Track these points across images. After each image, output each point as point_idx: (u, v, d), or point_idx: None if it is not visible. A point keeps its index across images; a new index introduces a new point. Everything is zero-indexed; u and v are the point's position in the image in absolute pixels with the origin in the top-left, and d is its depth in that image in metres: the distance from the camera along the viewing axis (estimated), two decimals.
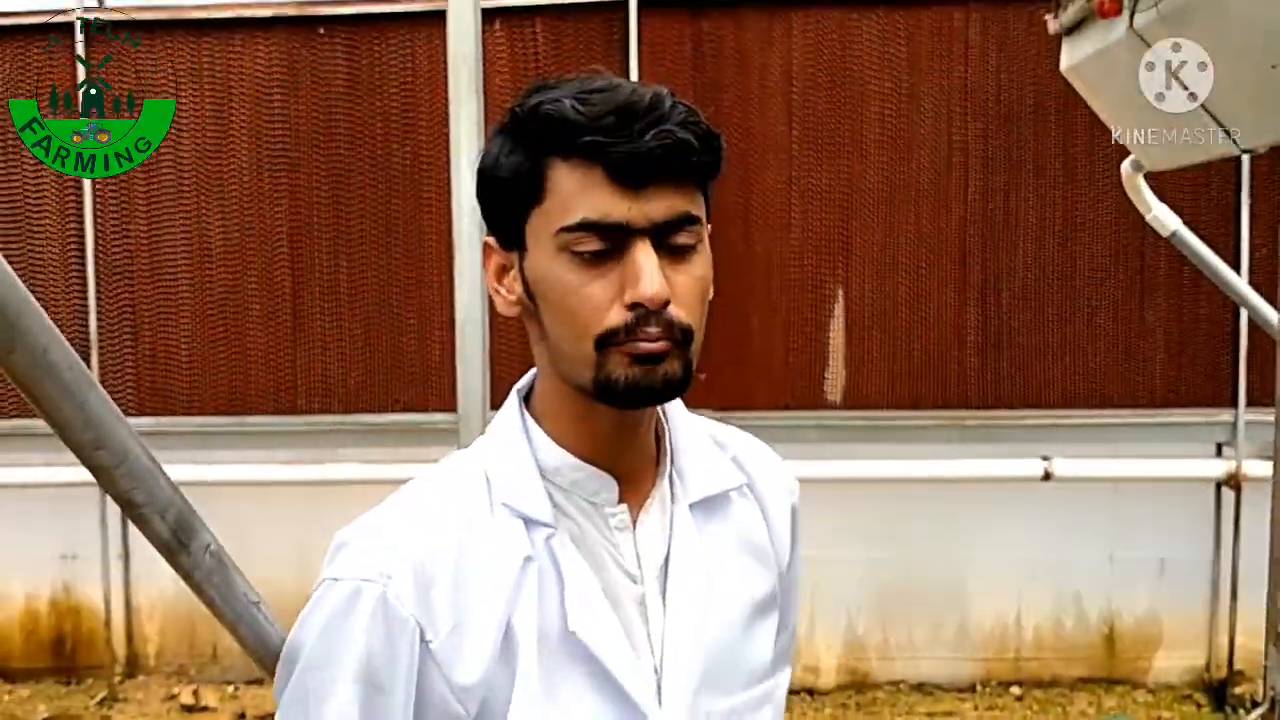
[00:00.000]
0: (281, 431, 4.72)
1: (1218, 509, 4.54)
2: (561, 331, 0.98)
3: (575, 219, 0.94)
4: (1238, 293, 2.32)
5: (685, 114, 0.95)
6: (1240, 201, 4.32)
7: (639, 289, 0.93)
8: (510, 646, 0.97)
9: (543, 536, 1.01)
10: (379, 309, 4.66)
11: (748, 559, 1.12)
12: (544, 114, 0.95)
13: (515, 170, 0.97)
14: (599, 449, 1.04)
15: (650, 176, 0.93)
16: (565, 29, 4.52)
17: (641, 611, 1.03)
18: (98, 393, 0.77)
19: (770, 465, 1.19)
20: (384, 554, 0.98)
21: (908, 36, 4.43)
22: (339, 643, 0.97)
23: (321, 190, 4.63)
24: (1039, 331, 4.46)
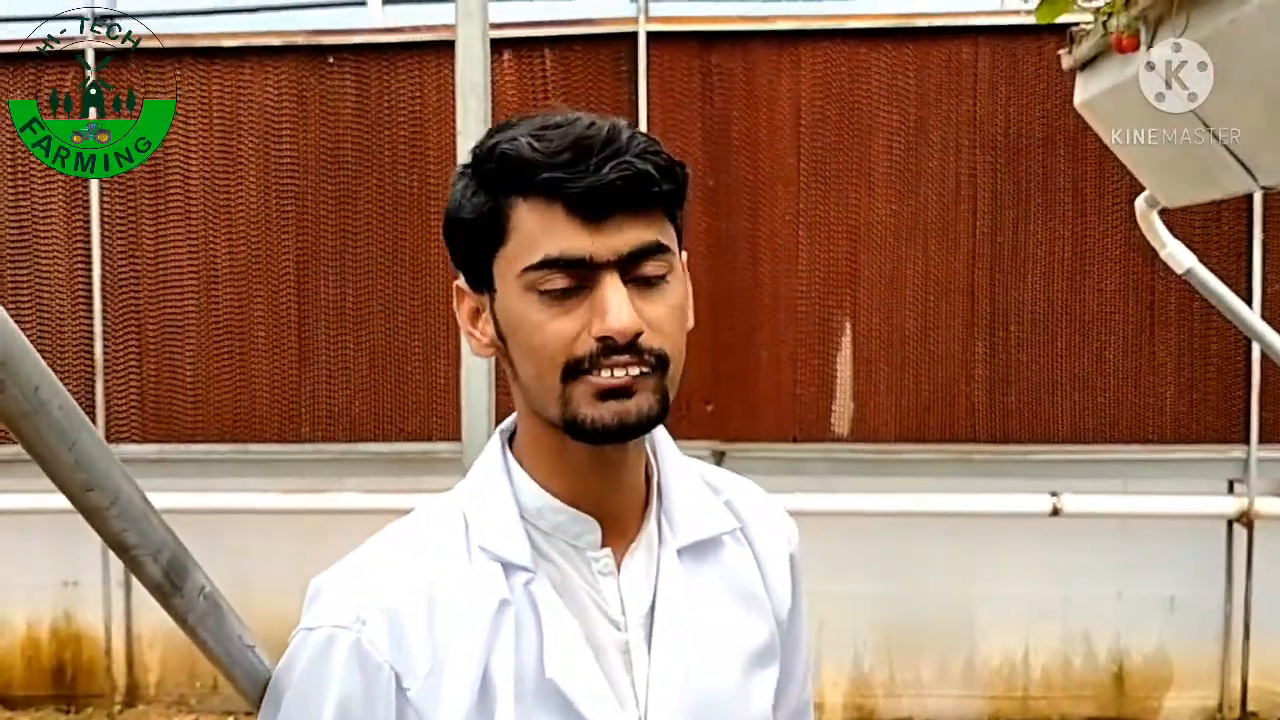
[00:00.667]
0: (285, 460, 4.70)
1: (1229, 546, 4.49)
2: (529, 369, 0.97)
3: (538, 257, 0.93)
4: (1253, 329, 2.30)
5: (644, 144, 0.94)
6: (1252, 236, 4.30)
7: (607, 321, 0.92)
8: (488, 694, 0.95)
9: (521, 581, 0.98)
10: (385, 338, 4.64)
11: (739, 606, 1.08)
12: (501, 153, 0.95)
13: (478, 212, 0.97)
14: (581, 489, 1.01)
15: (611, 209, 0.92)
16: (574, 60, 4.53)
17: (625, 660, 1.01)
18: (90, 433, 0.75)
19: (766, 511, 1.16)
20: (358, 600, 0.97)
21: (917, 70, 4.43)
22: (315, 691, 0.95)
23: (329, 219, 4.63)
24: (1048, 366, 4.43)
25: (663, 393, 0.96)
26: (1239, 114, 1.46)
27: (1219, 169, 1.54)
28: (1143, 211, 2.28)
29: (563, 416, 0.95)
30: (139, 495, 0.80)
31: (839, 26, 4.43)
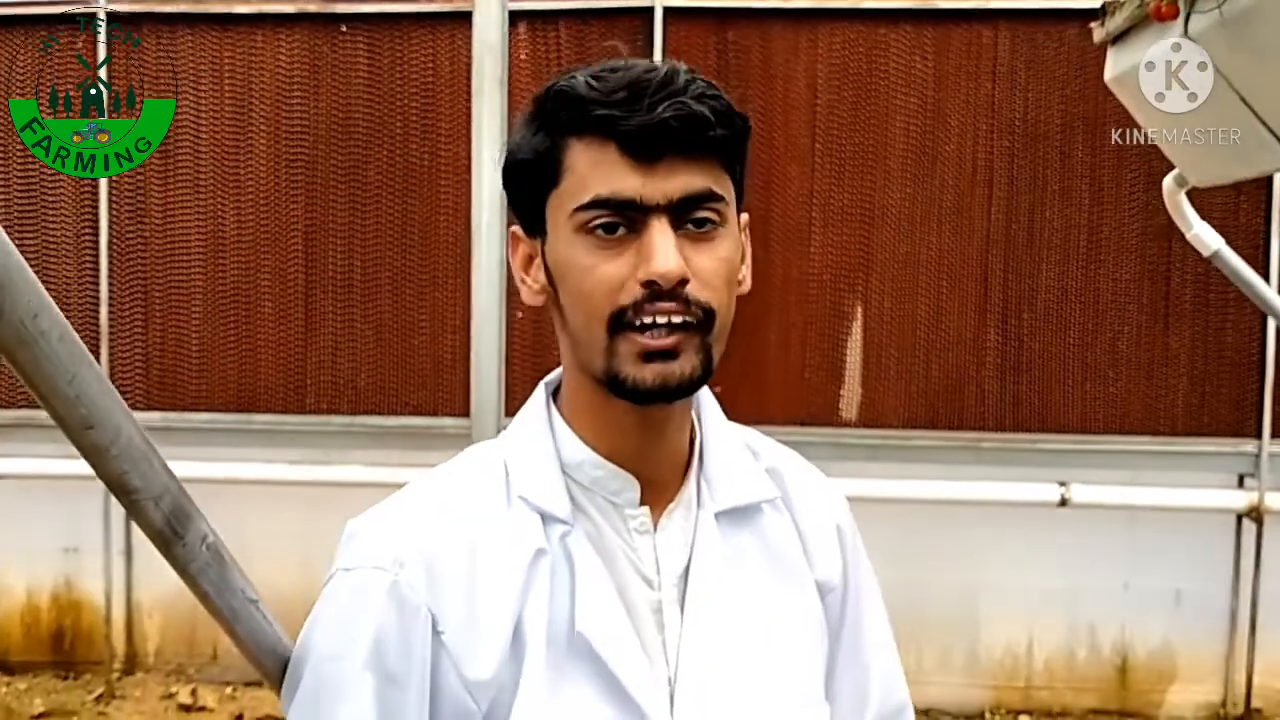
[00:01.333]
0: (289, 430, 4.68)
1: (1238, 541, 4.45)
2: (577, 317, 0.95)
3: (588, 196, 0.92)
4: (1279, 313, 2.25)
5: (703, 88, 0.92)
6: (1270, 226, 4.25)
7: (652, 265, 0.90)
8: (519, 643, 0.94)
9: (558, 533, 0.98)
10: (392, 310, 4.61)
11: (776, 575, 1.06)
12: (558, 91, 0.94)
13: (534, 152, 0.96)
14: (622, 446, 1.00)
15: (664, 150, 0.91)
16: (589, 33, 4.48)
17: (657, 619, 0.99)
18: (91, 366, 0.72)
19: (809, 482, 1.14)
20: (395, 542, 0.96)
21: (935, 52, 4.38)
22: (351, 633, 0.94)
23: (338, 188, 4.60)
24: (1060, 355, 4.40)
25: (706, 352, 0.94)
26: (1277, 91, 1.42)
27: (1256, 147, 1.51)
28: (1170, 191, 2.24)
29: (606, 372, 0.94)
30: (141, 436, 0.77)
31: (857, 6, 4.38)
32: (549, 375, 1.07)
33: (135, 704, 4.68)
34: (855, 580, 1.13)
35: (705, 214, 0.93)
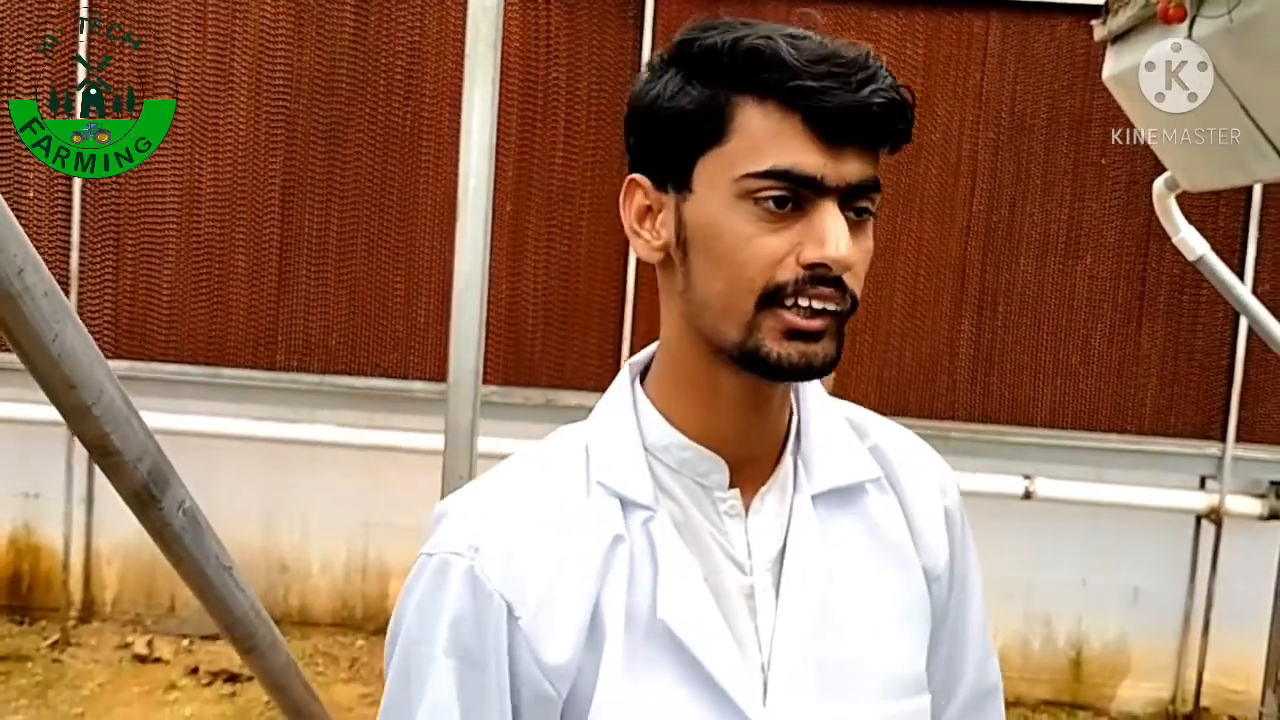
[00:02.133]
0: (257, 387, 4.64)
1: (1196, 542, 4.51)
2: (717, 285, 0.91)
3: (765, 165, 0.87)
4: (1261, 324, 2.26)
5: (891, 79, 0.88)
6: (1248, 234, 4.28)
7: (825, 249, 0.87)
8: (597, 630, 0.92)
9: (640, 518, 0.95)
10: (367, 272, 4.57)
11: (881, 558, 1.02)
12: (749, 48, 0.87)
13: (698, 104, 0.90)
14: (717, 426, 0.97)
15: (852, 135, 0.87)
16: (580, 6, 4.44)
17: (749, 605, 0.96)
18: (75, 325, 0.70)
19: (917, 459, 1.09)
20: (474, 528, 0.96)
21: (927, 39, 4.37)
22: (431, 617, 0.94)
23: (318, 145, 4.54)
24: (1032, 349, 4.42)
25: (841, 337, 0.92)
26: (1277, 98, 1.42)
27: (1253, 155, 1.50)
28: (1161, 194, 2.24)
29: (742, 344, 0.90)
30: (122, 398, 0.75)
31: None
32: (634, 357, 1.03)
33: (90, 652, 4.65)
34: (962, 566, 1.09)
35: (866, 203, 0.91)
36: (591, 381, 4.56)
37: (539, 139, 4.50)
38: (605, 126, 4.48)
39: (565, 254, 4.53)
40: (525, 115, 4.48)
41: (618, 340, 4.51)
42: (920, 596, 1.04)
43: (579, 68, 4.47)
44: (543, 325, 4.56)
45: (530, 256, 4.53)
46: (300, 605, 4.88)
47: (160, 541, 0.85)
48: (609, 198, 4.49)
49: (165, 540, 0.84)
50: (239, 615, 0.96)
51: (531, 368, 4.57)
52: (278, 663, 1.21)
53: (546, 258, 4.54)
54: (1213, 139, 1.48)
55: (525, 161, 4.50)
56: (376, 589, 4.85)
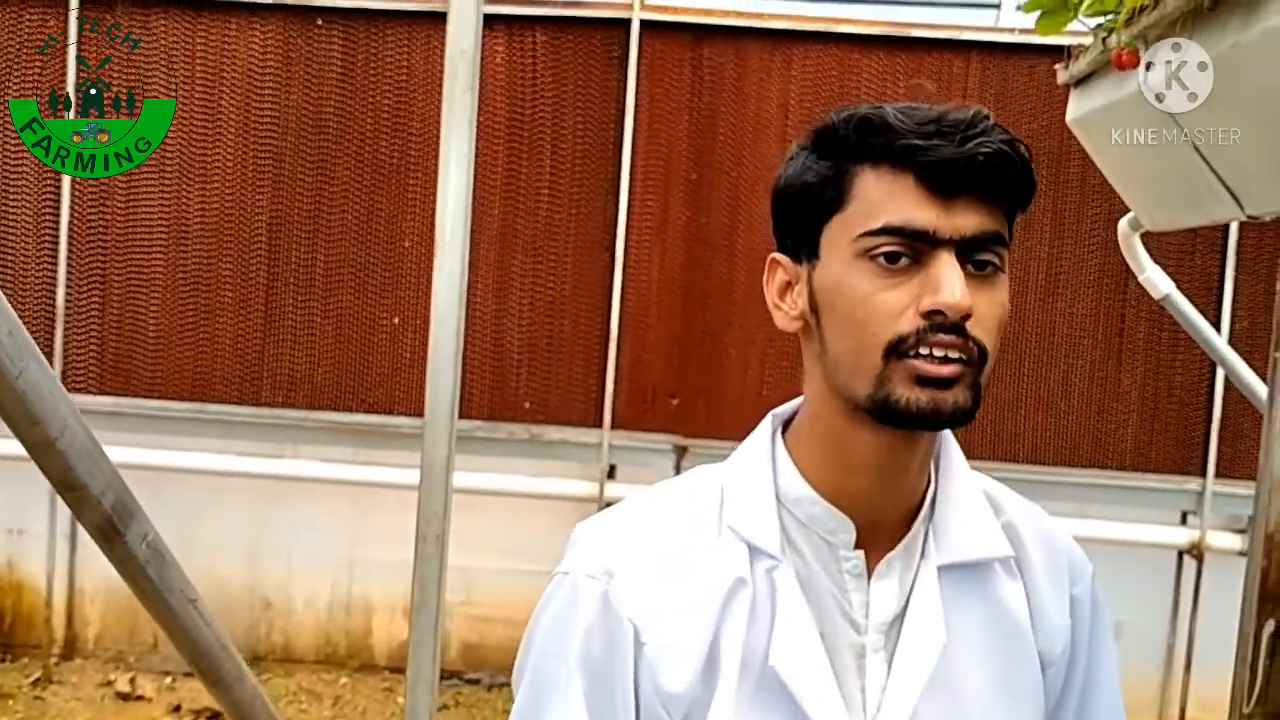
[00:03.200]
0: (242, 422, 4.64)
1: (1178, 577, 4.52)
2: (846, 343, 0.95)
3: (879, 223, 0.92)
4: (1227, 362, 2.30)
5: (1003, 132, 0.93)
6: (1225, 272, 4.32)
7: (939, 296, 0.90)
8: (713, 668, 0.96)
9: (765, 566, 0.99)
10: (353, 307, 4.59)
11: (997, 638, 1.03)
12: (862, 118, 0.94)
13: (819, 177, 0.97)
14: (850, 487, 1.00)
15: (963, 186, 0.91)
16: (565, 42, 4.49)
17: (859, 664, 0.99)
18: (39, 362, 0.72)
19: (1050, 542, 1.09)
20: (610, 553, 1.01)
21: (907, 79, 4.42)
22: (565, 634, 0.99)
23: (305, 182, 4.57)
24: (1014, 386, 4.45)
25: (977, 389, 0.93)
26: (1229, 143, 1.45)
27: (1207, 195, 1.54)
28: (1125, 234, 2.28)
29: (873, 396, 0.93)
30: (86, 433, 0.77)
31: (833, 30, 4.42)
32: (779, 408, 1.08)
33: (73, 690, 4.62)
34: (1089, 656, 1.09)
35: (988, 256, 0.93)
36: (576, 417, 4.58)
37: (525, 176, 4.54)
38: (590, 164, 4.52)
39: (550, 290, 4.56)
40: (511, 152, 4.53)
41: (602, 376, 4.53)
42: (1034, 681, 1.04)
43: (564, 106, 4.52)
44: (527, 361, 4.58)
45: (515, 293, 4.56)
46: (284, 642, 4.87)
47: (125, 574, 0.86)
48: (594, 234, 4.53)
49: (130, 572, 0.86)
50: (205, 648, 0.97)
51: (516, 403, 4.58)
52: (244, 696, 1.22)
53: (531, 294, 4.56)
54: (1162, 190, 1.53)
55: (511, 198, 4.54)
56: (360, 625, 4.84)
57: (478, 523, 4.44)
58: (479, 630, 4.75)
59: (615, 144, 4.49)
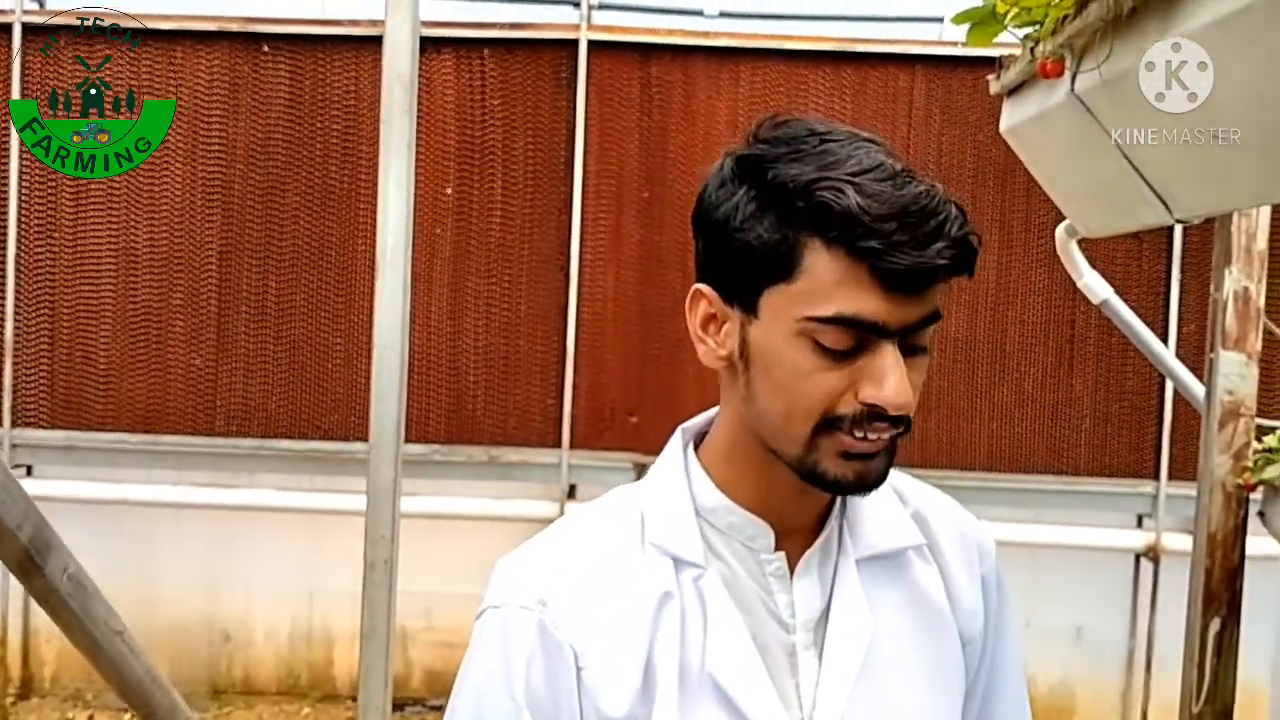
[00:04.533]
0: (197, 453, 4.60)
1: (1135, 580, 4.56)
2: (777, 405, 0.95)
3: (829, 311, 0.90)
4: (1165, 364, 2.33)
5: (961, 220, 0.90)
6: (1171, 276, 4.38)
7: (883, 394, 0.90)
8: (650, 683, 0.97)
9: (691, 576, 1.00)
10: (306, 334, 4.56)
11: (921, 624, 1.06)
12: (820, 202, 0.89)
13: (765, 243, 0.93)
14: (768, 501, 1.02)
15: (919, 287, 0.90)
16: (513, 63, 4.50)
17: (791, 662, 1.00)
18: None
19: (958, 527, 1.12)
20: (539, 581, 1.00)
21: (854, 94, 4.46)
22: (504, 670, 0.98)
23: (255, 209, 4.55)
24: (968, 395, 4.48)
25: (895, 449, 0.96)
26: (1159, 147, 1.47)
27: (1138, 200, 1.56)
28: (1062, 241, 2.31)
29: (801, 460, 0.95)
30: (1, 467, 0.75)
31: (779, 46, 4.45)
32: (687, 423, 1.08)
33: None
34: (998, 632, 1.12)
35: (925, 339, 0.94)
36: (534, 438, 4.57)
37: (477, 197, 4.53)
38: (543, 184, 4.52)
39: (505, 311, 4.55)
40: (463, 174, 4.52)
41: (559, 396, 4.53)
42: (956, 661, 1.07)
43: (514, 127, 4.52)
44: (484, 383, 4.57)
45: (470, 314, 4.55)
46: (244, 675, 4.81)
47: (47, 607, 0.85)
48: (548, 254, 4.52)
49: (52, 606, 0.84)
50: (134, 681, 0.96)
51: (474, 425, 4.56)
52: None
53: (487, 315, 4.55)
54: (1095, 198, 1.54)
55: (464, 220, 4.53)
56: (322, 656, 4.80)
57: (439, 547, 4.42)
58: (442, 656, 4.72)
59: (567, 163, 4.50)
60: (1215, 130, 1.17)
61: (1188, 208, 1.46)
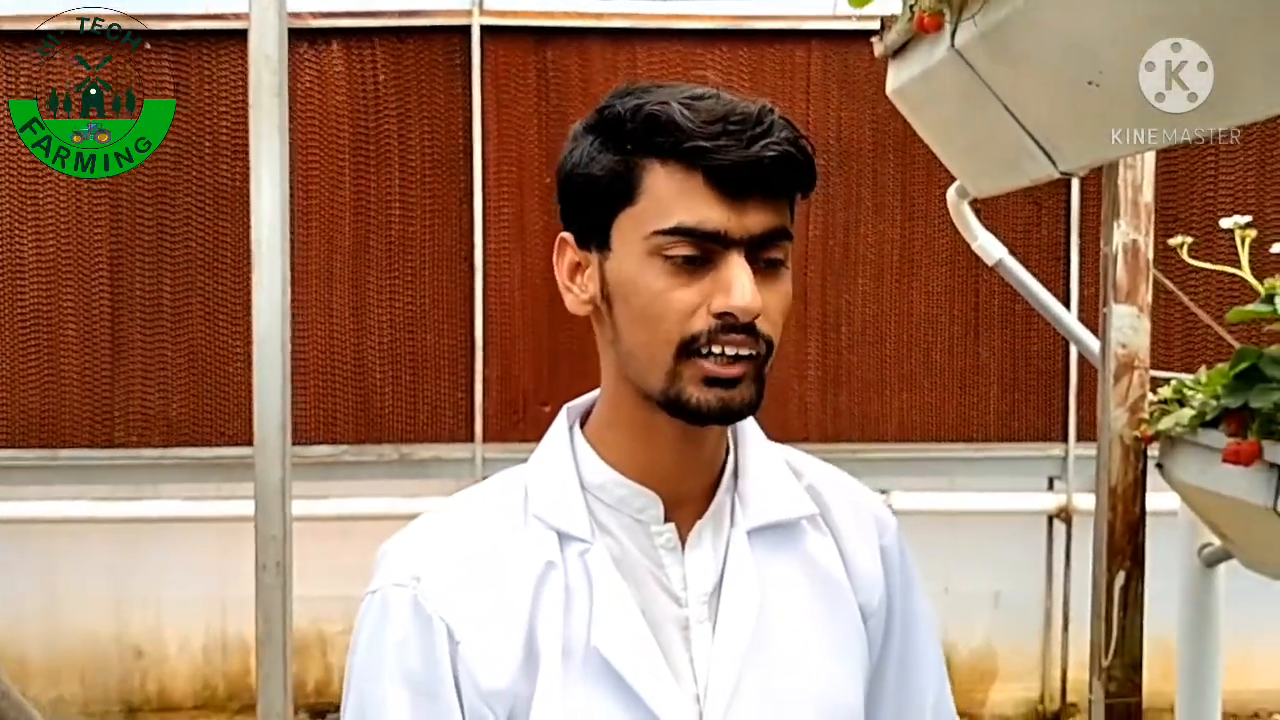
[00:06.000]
0: (97, 465, 4.46)
1: (1049, 542, 4.62)
2: (639, 336, 0.96)
3: (671, 223, 0.93)
4: (1060, 321, 2.35)
5: (787, 129, 0.95)
6: (1070, 239, 4.44)
7: (731, 298, 0.92)
8: (533, 657, 0.96)
9: (576, 550, 0.99)
10: (205, 337, 4.44)
11: (816, 594, 1.06)
12: (648, 115, 0.94)
13: (608, 169, 0.97)
14: (654, 466, 1.02)
15: (751, 188, 0.93)
16: (405, 52, 4.41)
17: (684, 636, 0.99)
18: None
19: (852, 499, 1.13)
20: (414, 559, 1.00)
21: (751, 72, 4.45)
22: (379, 650, 0.98)
23: (145, 211, 4.41)
24: (877, 367, 4.50)
25: (761, 381, 0.97)
26: (1038, 97, 1.47)
27: (1023, 156, 1.55)
28: (954, 203, 2.31)
29: (665, 392, 0.96)
30: None
31: (674, 26, 4.42)
32: (572, 402, 1.09)
33: None
34: (904, 605, 1.13)
35: (776, 253, 0.96)
36: (446, 433, 4.50)
37: (374, 190, 4.44)
38: (442, 173, 4.45)
39: (410, 305, 4.47)
40: (358, 167, 4.43)
41: (470, 389, 4.46)
42: (856, 631, 1.07)
43: (409, 116, 4.43)
44: (391, 379, 4.48)
45: (374, 310, 4.46)
46: (159, 690, 4.68)
47: None
48: (451, 245, 4.45)
49: None
50: None
51: (383, 423, 4.48)
52: None
53: (390, 310, 4.47)
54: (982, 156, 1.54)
55: (362, 214, 4.44)
56: (239, 666, 4.68)
57: (353, 548, 4.32)
58: None
59: (465, 152, 4.43)
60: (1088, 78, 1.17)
61: (1071, 159, 1.46)
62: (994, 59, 1.40)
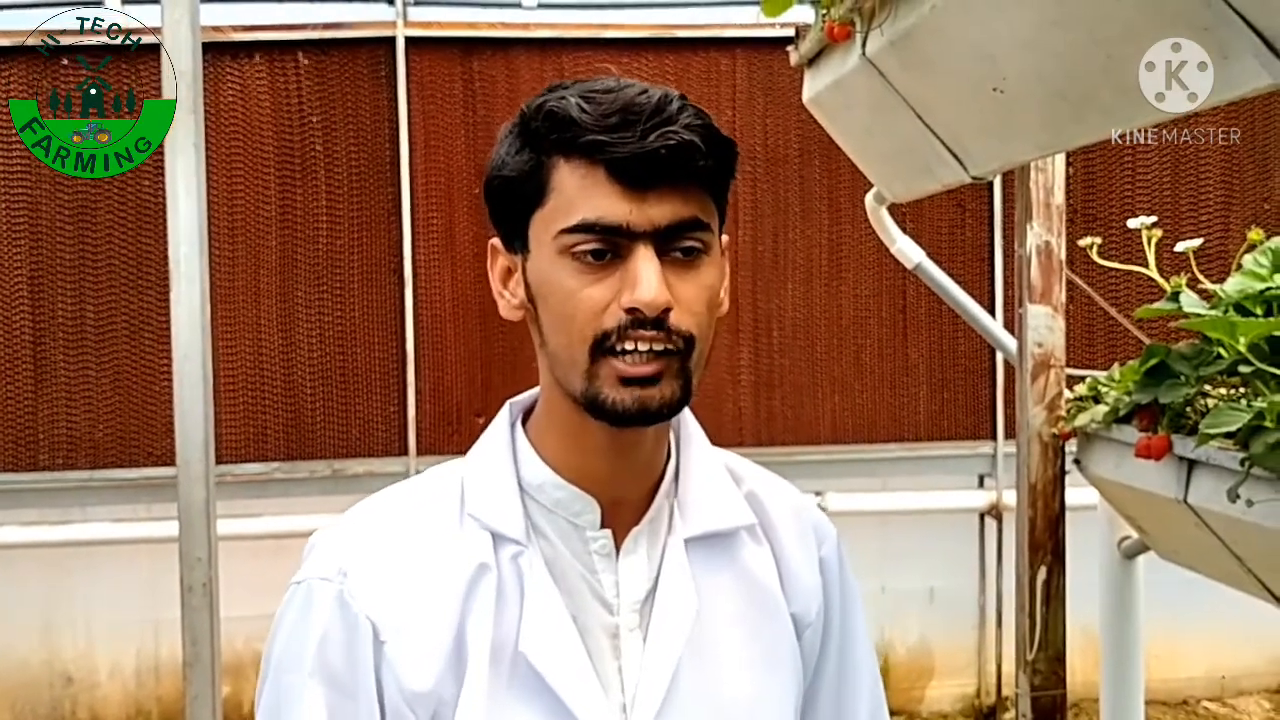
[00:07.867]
0: (21, 490, 4.36)
1: (981, 538, 4.69)
2: (559, 338, 0.95)
3: (575, 220, 0.92)
4: (978, 321, 2.39)
5: (693, 117, 0.92)
6: (994, 242, 4.51)
7: (636, 293, 0.90)
8: (460, 660, 0.94)
9: (510, 552, 0.98)
10: (130, 357, 4.37)
11: (749, 605, 1.04)
12: (548, 111, 0.94)
13: (519, 170, 0.96)
14: (590, 468, 1.00)
15: (653, 179, 0.91)
16: (329, 64, 4.38)
17: (614, 644, 0.98)
18: None
19: (794, 510, 1.11)
20: (342, 553, 0.98)
21: (677, 79, 4.47)
22: (299, 643, 0.96)
23: (66, 229, 4.33)
24: (809, 370, 4.54)
25: (686, 377, 0.94)
26: (947, 104, 1.50)
27: (935, 161, 1.58)
28: (872, 208, 2.34)
29: (585, 393, 0.94)
30: None
31: (600, 35, 4.44)
32: (516, 397, 1.07)
33: None
34: (841, 616, 1.11)
35: (690, 242, 0.94)
36: (379, 447, 4.46)
37: (300, 204, 4.40)
38: (368, 187, 4.42)
39: (339, 319, 4.44)
40: (284, 181, 4.38)
41: (402, 402, 4.43)
42: (789, 644, 1.05)
43: (335, 129, 4.40)
44: (322, 395, 4.44)
45: (302, 325, 4.42)
46: (90, 717, 4.59)
47: None
48: (380, 258, 4.42)
49: None
50: None
51: (314, 440, 4.44)
52: None
53: (320, 325, 4.43)
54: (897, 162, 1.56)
55: (288, 228, 4.39)
56: (172, 689, 4.60)
57: (288, 566, 4.25)
58: None
59: (393, 164, 4.40)
60: (993, 84, 1.20)
61: (981, 164, 1.49)
62: (903, 67, 1.42)
